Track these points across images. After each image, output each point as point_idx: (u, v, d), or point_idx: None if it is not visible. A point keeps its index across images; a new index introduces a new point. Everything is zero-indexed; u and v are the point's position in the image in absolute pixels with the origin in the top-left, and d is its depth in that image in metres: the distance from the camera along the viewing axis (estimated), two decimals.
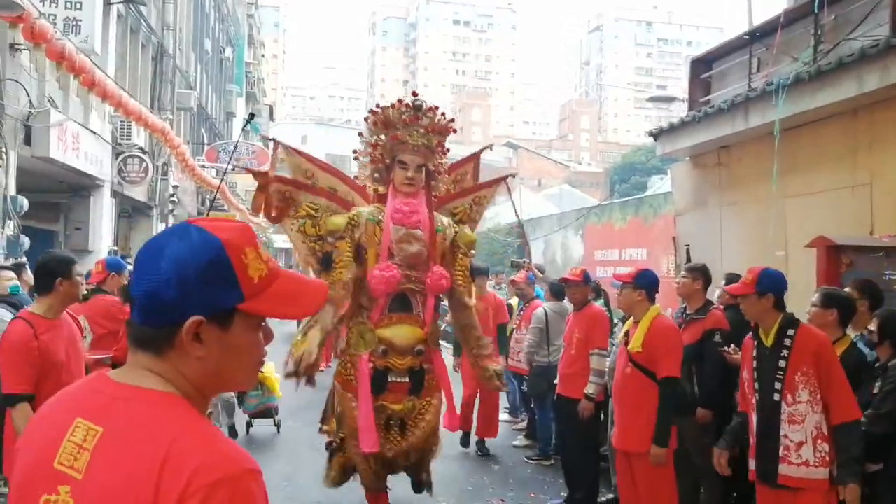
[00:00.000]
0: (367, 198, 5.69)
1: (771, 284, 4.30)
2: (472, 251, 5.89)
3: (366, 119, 5.51)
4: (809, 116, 7.86)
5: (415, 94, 5.45)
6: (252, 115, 8.35)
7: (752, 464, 4.40)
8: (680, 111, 11.78)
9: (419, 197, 5.44)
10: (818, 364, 4.12)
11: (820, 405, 4.12)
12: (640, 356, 5.14)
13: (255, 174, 5.55)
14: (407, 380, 5.37)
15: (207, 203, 26.15)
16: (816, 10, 8.06)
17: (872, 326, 4.62)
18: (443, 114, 5.51)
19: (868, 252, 6.01)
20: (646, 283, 5.30)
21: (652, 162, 34.23)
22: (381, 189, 5.55)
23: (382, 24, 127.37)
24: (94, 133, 13.97)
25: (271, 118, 48.85)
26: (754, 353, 4.38)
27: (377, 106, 5.55)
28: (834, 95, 7.34)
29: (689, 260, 9.47)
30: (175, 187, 20.65)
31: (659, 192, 15.42)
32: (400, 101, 5.45)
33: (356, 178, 5.93)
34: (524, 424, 9.37)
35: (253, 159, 23.55)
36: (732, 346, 5.55)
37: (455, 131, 5.58)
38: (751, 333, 4.53)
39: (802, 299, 5.24)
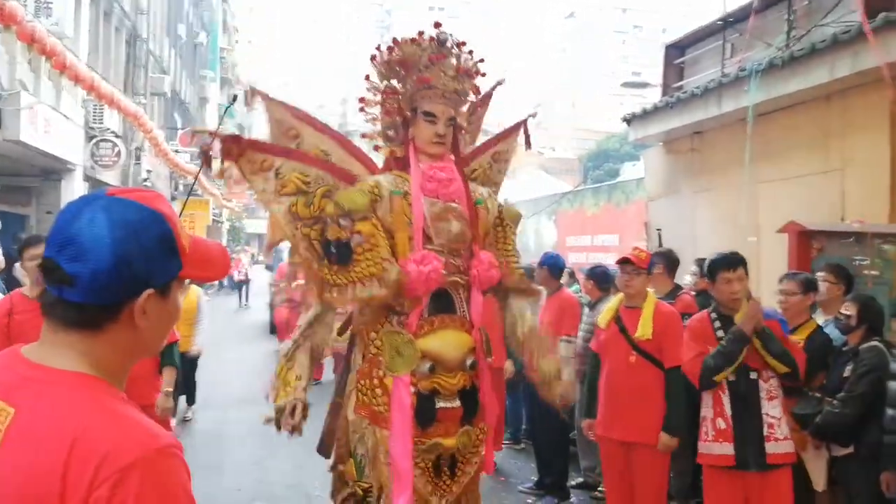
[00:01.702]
0: (369, 165, 4.20)
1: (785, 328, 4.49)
2: (517, 227, 4.46)
3: (373, 59, 4.04)
4: (782, 102, 7.92)
5: (437, 24, 4.08)
6: (235, 97, 7.30)
7: (720, 448, 4.39)
8: (654, 97, 11.84)
9: (448, 160, 4.05)
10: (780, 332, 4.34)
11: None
12: (648, 344, 4.99)
13: (223, 140, 3.96)
14: (458, 404, 3.88)
15: (181, 188, 25.94)
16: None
17: (847, 311, 4.68)
18: (470, 52, 4.09)
19: (839, 237, 6.09)
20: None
21: (625, 149, 34.33)
22: (398, 151, 4.08)
23: (355, 9, 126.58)
24: (66, 117, 13.79)
25: (246, 104, 48.36)
26: (719, 334, 4.43)
27: (393, 41, 4.09)
28: (806, 81, 7.40)
29: (660, 245, 9.55)
30: (149, 172, 20.47)
31: (632, 179, 15.47)
32: (420, 33, 4.03)
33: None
34: None
35: None
36: None
37: (484, 75, 4.20)
38: (707, 313, 4.60)
39: (775, 284, 5.32)
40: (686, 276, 7.20)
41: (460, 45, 4.08)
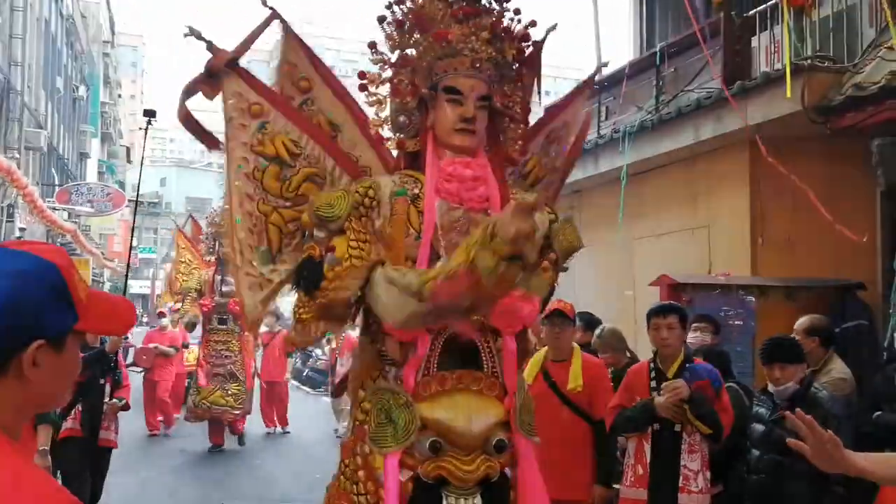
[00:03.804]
0: (388, 161, 3.15)
1: (718, 383, 4.50)
2: (569, 261, 3.22)
3: (381, 20, 2.93)
4: (654, 162, 8.36)
5: None
6: (153, 112, 6.09)
7: (635, 493, 4.46)
8: None
9: (482, 156, 2.92)
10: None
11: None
12: (579, 396, 4.92)
13: (214, 54, 3.04)
14: (479, 502, 2.72)
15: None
16: (658, 63, 8.65)
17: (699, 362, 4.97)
18: (516, 10, 2.94)
19: (706, 289, 6.43)
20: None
21: None
22: (410, 144, 2.95)
23: (245, 66, 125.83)
24: None
25: (128, 160, 47.14)
26: (653, 385, 4.53)
27: None
28: (674, 143, 7.86)
29: None
30: (22, 230, 19.57)
31: None
32: None
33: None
34: None
35: (108, 201, 22.69)
36: None
37: (537, 46, 3.10)
38: (647, 362, 4.72)
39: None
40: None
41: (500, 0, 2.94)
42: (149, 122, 6.19)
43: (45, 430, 5.57)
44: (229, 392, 10.56)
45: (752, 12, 7.79)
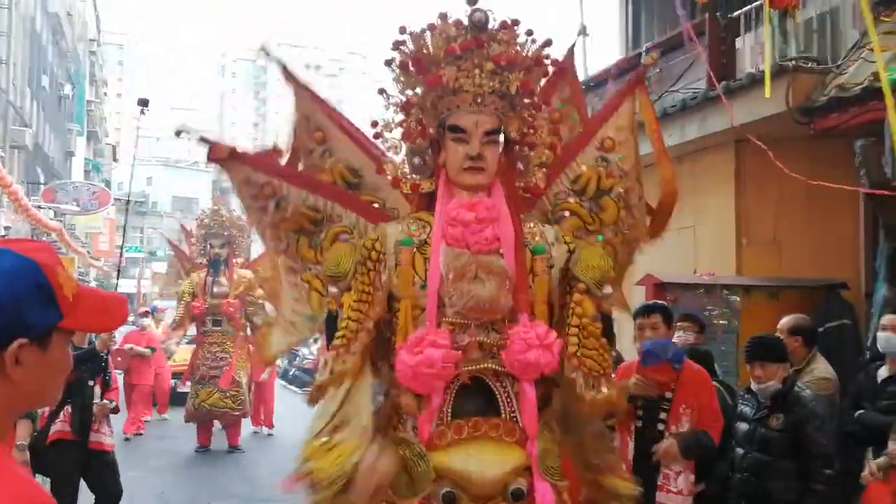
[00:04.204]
0: (412, 202, 3.06)
1: (680, 357, 4.48)
2: (605, 287, 2.90)
3: (389, 63, 2.88)
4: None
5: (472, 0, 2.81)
6: (146, 101, 6.15)
7: None
8: None
9: (496, 192, 2.84)
10: (700, 397, 4.36)
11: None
12: None
13: (212, 148, 3.02)
14: None
15: None
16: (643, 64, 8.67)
17: None
18: (528, 31, 2.84)
19: (690, 289, 6.47)
20: None
21: None
22: (425, 185, 2.91)
23: (231, 66, 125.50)
24: None
25: (114, 158, 46.92)
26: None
27: (401, 30, 2.87)
28: None
29: None
30: (7, 228, 19.46)
31: None
32: (443, 16, 2.83)
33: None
34: None
35: (93, 200, 22.58)
36: None
37: (555, 65, 2.99)
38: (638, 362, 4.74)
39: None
40: None
41: (508, 25, 2.82)
42: (142, 112, 6.09)
43: (25, 425, 5.50)
44: (228, 394, 10.51)
45: (737, 13, 7.84)
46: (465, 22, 2.77)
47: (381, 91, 2.90)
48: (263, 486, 8.70)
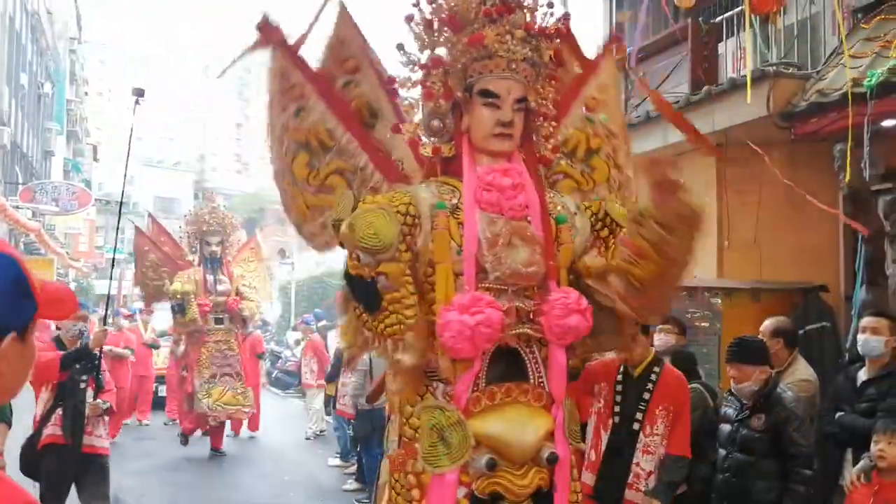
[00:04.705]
0: (421, 160, 3.04)
1: (645, 327, 4.51)
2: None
3: (409, 19, 2.79)
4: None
5: None
6: (142, 91, 5.85)
7: (583, 476, 4.41)
8: None
9: (517, 159, 2.84)
10: (676, 400, 4.43)
11: (667, 439, 4.43)
12: None
13: (264, 28, 2.94)
14: None
15: (22, 246, 24.55)
16: (628, 67, 8.72)
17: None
18: (549, 3, 2.84)
19: None
20: None
21: None
22: (446, 149, 2.86)
23: (215, 66, 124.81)
24: None
25: (95, 158, 46.52)
26: (619, 379, 4.57)
27: None
28: (643, 146, 7.91)
29: None
30: None
31: None
32: None
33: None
34: (355, 468, 9.36)
35: (73, 200, 22.39)
36: None
37: (573, 37, 2.99)
38: (620, 362, 4.76)
39: None
40: None
41: None
42: (136, 102, 5.93)
43: (2, 430, 5.43)
44: (238, 391, 10.47)
45: (718, 19, 7.90)
46: None
47: (400, 46, 2.81)
48: (245, 491, 8.68)
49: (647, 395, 4.45)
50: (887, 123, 5.66)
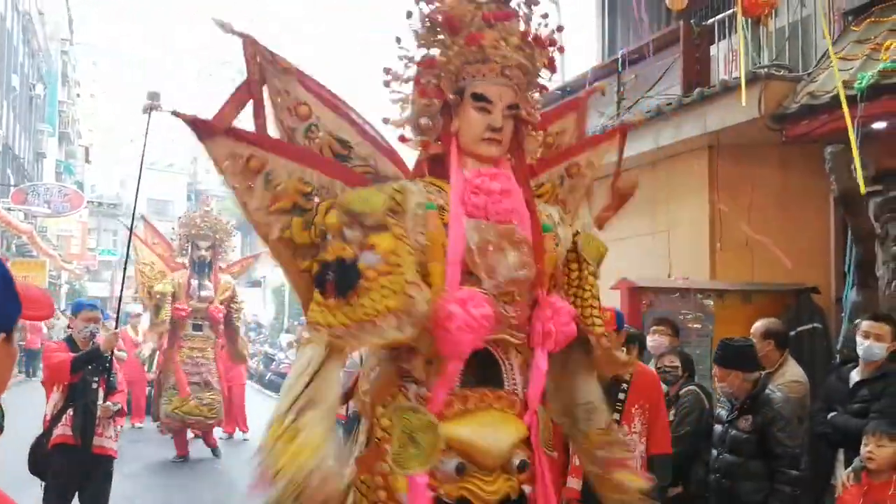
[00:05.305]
0: (404, 170, 2.97)
1: (621, 322, 4.60)
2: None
3: (409, 16, 2.81)
4: (614, 168, 8.44)
5: None
6: (157, 95, 5.67)
7: (570, 482, 4.52)
8: None
9: (505, 166, 2.85)
10: (650, 398, 4.49)
11: (645, 437, 4.45)
12: None
13: (194, 123, 2.71)
14: None
15: (14, 248, 24.48)
16: (620, 70, 8.76)
17: (673, 363, 5.12)
18: (544, 14, 2.86)
19: (665, 293, 6.54)
20: None
21: None
22: (433, 147, 2.86)
23: (208, 68, 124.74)
24: None
25: (87, 160, 46.41)
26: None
27: None
28: (635, 148, 7.93)
29: None
30: None
31: None
32: None
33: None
34: None
35: (65, 202, 22.35)
36: None
37: (563, 50, 2.93)
38: None
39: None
40: None
41: (531, 2, 2.82)
42: (151, 108, 5.81)
43: None
44: (204, 401, 10.29)
45: (710, 21, 7.93)
46: None
47: (398, 40, 2.77)
48: (237, 493, 8.66)
49: (622, 396, 4.50)
50: (878, 126, 5.69)
